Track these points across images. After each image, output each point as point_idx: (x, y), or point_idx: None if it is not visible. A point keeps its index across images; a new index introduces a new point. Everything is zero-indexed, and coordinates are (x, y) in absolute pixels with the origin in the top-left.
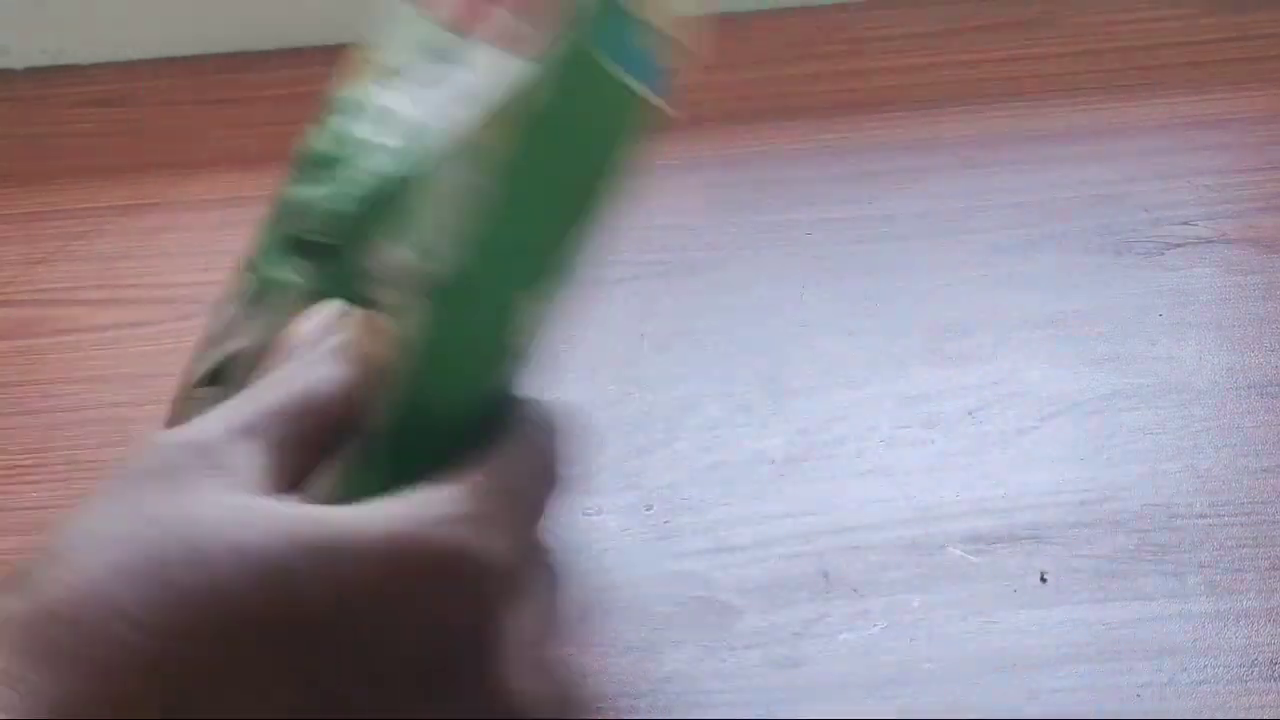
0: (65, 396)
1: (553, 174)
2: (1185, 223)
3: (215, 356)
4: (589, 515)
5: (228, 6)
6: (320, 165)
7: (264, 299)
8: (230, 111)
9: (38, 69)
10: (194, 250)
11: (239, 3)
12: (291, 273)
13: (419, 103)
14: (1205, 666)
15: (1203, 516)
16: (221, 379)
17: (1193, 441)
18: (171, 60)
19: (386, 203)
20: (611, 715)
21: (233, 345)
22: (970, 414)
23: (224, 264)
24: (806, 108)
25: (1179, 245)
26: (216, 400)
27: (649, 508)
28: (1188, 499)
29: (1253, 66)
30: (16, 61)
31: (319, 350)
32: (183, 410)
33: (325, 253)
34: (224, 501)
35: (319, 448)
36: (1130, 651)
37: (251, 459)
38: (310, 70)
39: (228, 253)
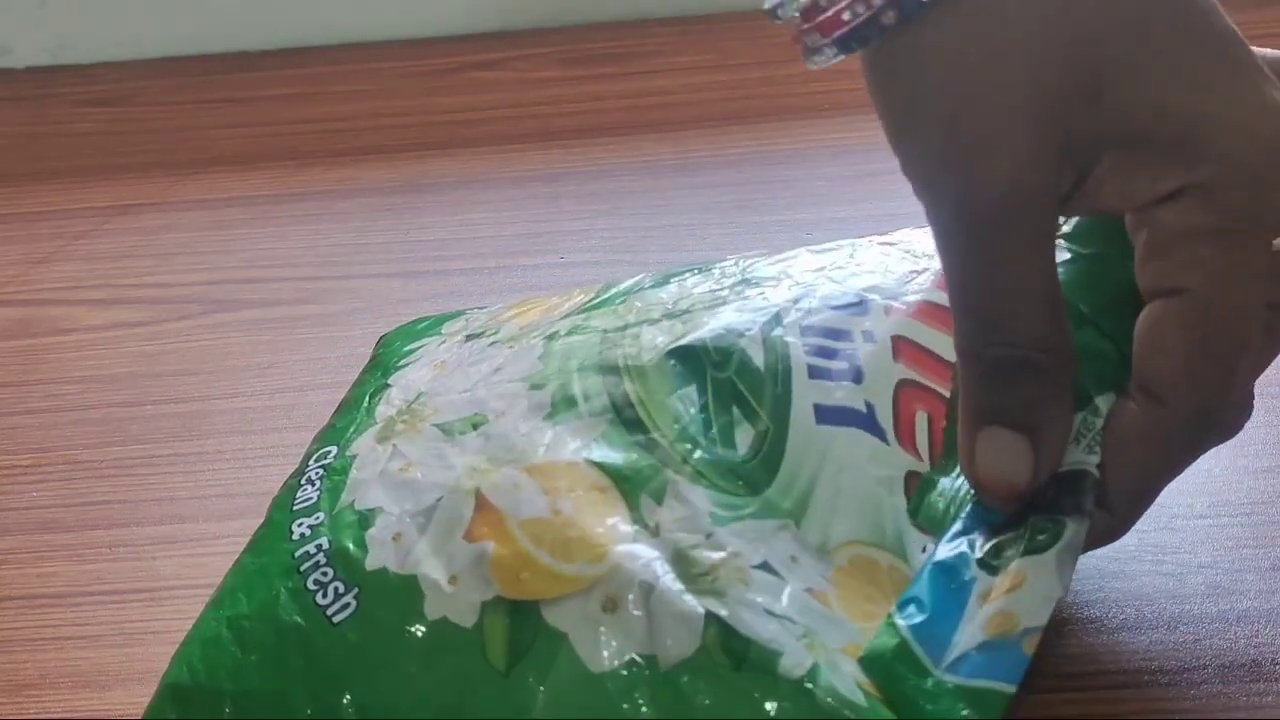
0: (65, 396)
1: None
2: None
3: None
4: None
5: (228, 6)
6: None
7: None
8: (230, 111)
9: (39, 68)
10: (194, 250)
11: (239, 3)
12: None
13: None
14: (1205, 666)
15: (1203, 517)
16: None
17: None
18: (171, 60)
19: None
20: None
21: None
22: None
23: (224, 264)
24: (806, 108)
25: None
26: None
27: None
28: (1188, 499)
29: None
30: (18, 61)
31: None
32: None
33: None
34: None
35: None
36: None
37: None
38: (310, 70)
39: (227, 252)
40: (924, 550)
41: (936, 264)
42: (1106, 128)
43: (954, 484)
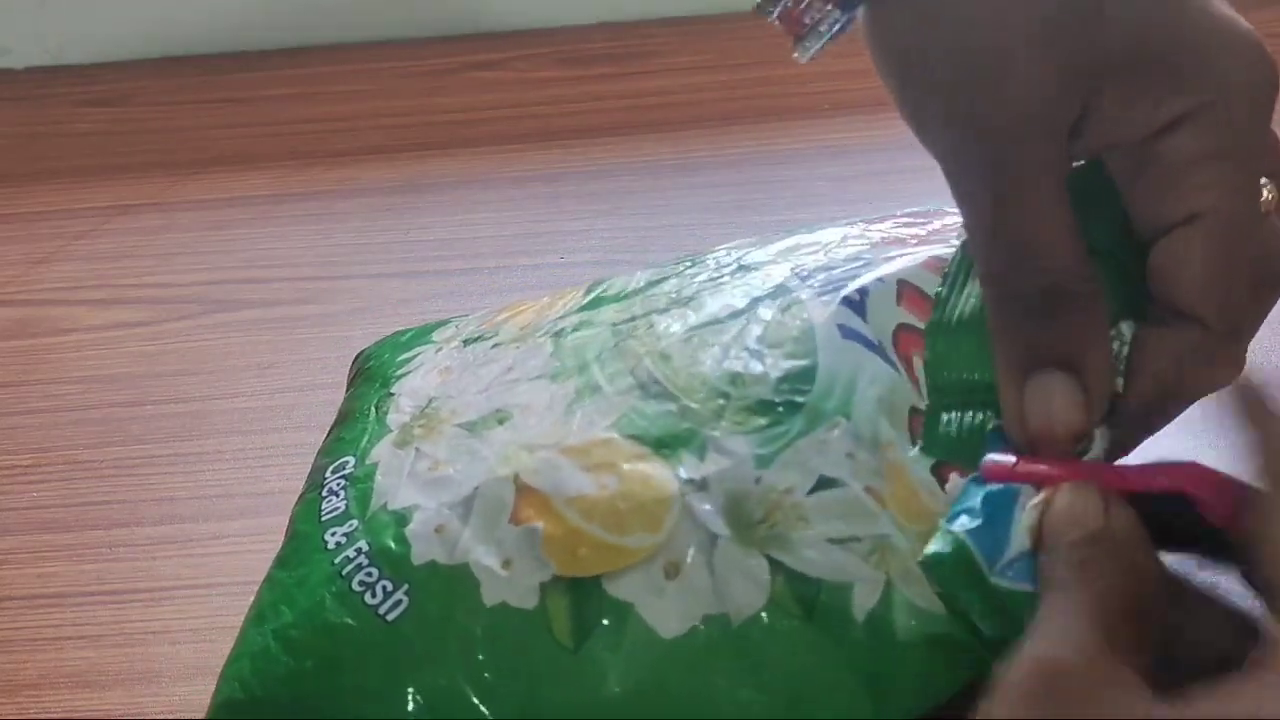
0: (65, 396)
1: None
2: None
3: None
4: None
5: (228, 6)
6: None
7: None
8: (230, 111)
9: (38, 69)
10: (194, 250)
11: (239, 3)
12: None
13: None
14: None
15: None
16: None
17: (1193, 441)
18: (171, 60)
19: None
20: None
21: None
22: None
23: (223, 264)
24: (806, 108)
25: None
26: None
27: None
28: None
29: None
30: (17, 61)
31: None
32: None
33: None
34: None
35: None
36: None
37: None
38: (310, 70)
39: (227, 252)
40: (935, 474)
41: (931, 227)
42: (1106, 50)
43: (957, 414)
